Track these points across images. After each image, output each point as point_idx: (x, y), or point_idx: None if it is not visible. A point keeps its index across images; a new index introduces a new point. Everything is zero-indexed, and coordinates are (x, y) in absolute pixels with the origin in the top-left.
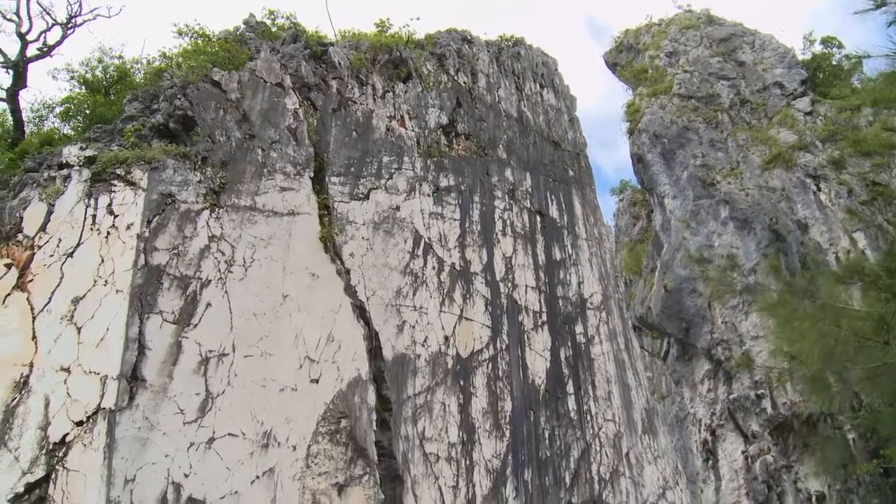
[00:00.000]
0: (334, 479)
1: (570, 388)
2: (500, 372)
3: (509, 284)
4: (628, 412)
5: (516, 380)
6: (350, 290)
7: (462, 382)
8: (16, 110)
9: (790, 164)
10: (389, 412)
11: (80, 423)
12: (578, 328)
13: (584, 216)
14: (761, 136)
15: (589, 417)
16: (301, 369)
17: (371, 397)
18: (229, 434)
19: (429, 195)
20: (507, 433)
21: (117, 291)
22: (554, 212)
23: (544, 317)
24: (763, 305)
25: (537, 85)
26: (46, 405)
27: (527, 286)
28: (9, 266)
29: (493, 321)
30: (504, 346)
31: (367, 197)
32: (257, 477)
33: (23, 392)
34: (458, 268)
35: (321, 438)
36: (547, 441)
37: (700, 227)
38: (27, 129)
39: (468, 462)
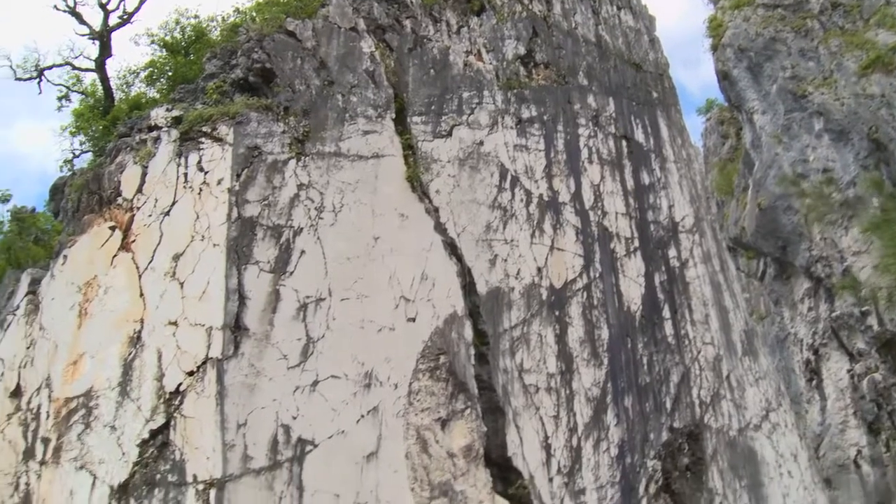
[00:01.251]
0: (437, 415)
1: (666, 313)
2: (594, 300)
3: (599, 212)
4: (727, 335)
5: (611, 307)
6: (440, 228)
7: (557, 313)
8: (104, 79)
9: (891, 68)
10: (487, 346)
11: (191, 373)
12: (672, 252)
13: (671, 138)
14: (857, 41)
15: (687, 342)
16: (397, 309)
17: (468, 332)
18: (332, 376)
19: (512, 128)
20: (605, 361)
21: (214, 245)
22: (640, 136)
23: (636, 243)
24: (867, 225)
25: (614, 7)
26: (159, 357)
27: (616, 213)
28: (112, 229)
29: (584, 250)
30: (597, 275)
31: (449, 134)
32: (362, 416)
33: (137, 346)
34: (546, 198)
35: (421, 375)
36: (645, 367)
37: (793, 142)
38: (116, 97)
39: (568, 392)
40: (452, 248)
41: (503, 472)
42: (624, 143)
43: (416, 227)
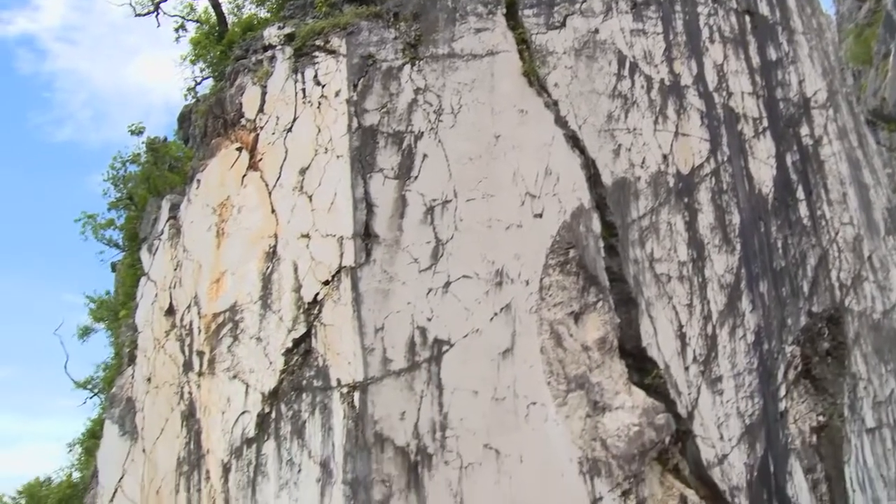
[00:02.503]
0: (569, 309)
1: (800, 194)
2: (723, 185)
3: (724, 93)
4: (867, 213)
5: (742, 191)
6: (560, 121)
7: (686, 200)
8: (216, 5)
9: None
10: (616, 237)
11: (326, 283)
12: (804, 130)
13: (799, 8)
14: None
15: (824, 223)
16: (523, 206)
17: (596, 225)
18: (463, 276)
19: (627, 12)
20: (738, 247)
21: (338, 157)
22: (764, 8)
23: (765, 122)
24: None
25: None
26: (295, 270)
27: (743, 92)
28: (239, 150)
29: (710, 134)
30: (725, 158)
31: (563, 24)
32: (495, 314)
33: (273, 261)
34: (667, 83)
35: (552, 270)
36: (780, 251)
37: None
38: (229, 21)
39: (700, 279)
40: (574, 141)
41: (638, 362)
42: (747, 17)
43: (536, 122)
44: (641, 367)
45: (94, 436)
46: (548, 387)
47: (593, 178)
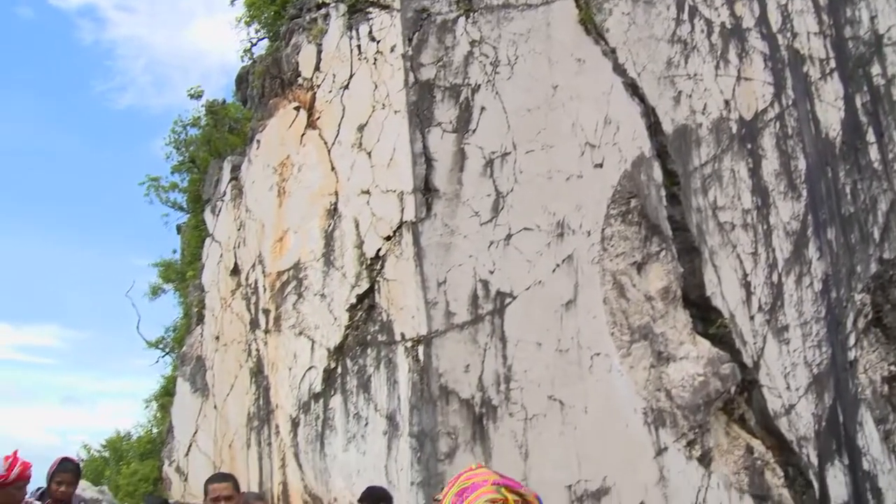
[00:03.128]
0: (632, 259)
1: (870, 137)
2: (788, 130)
3: (788, 34)
4: None
5: (808, 136)
6: (619, 69)
7: (749, 146)
8: None
9: None
10: (678, 186)
11: (388, 238)
12: (875, 70)
13: None
14: None
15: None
16: (583, 156)
17: (657, 173)
18: (524, 228)
19: None
20: (804, 193)
21: (395, 112)
22: None
23: (832, 63)
24: None
25: None
26: (357, 226)
27: (808, 33)
28: (297, 109)
29: (774, 77)
30: (790, 102)
31: None
32: (557, 265)
33: (335, 218)
34: (728, 26)
35: (613, 221)
36: (849, 196)
37: None
38: None
39: (765, 227)
40: (634, 89)
41: (702, 312)
42: None
43: (594, 70)
44: (705, 317)
45: (167, 393)
46: (611, 337)
47: (654, 126)
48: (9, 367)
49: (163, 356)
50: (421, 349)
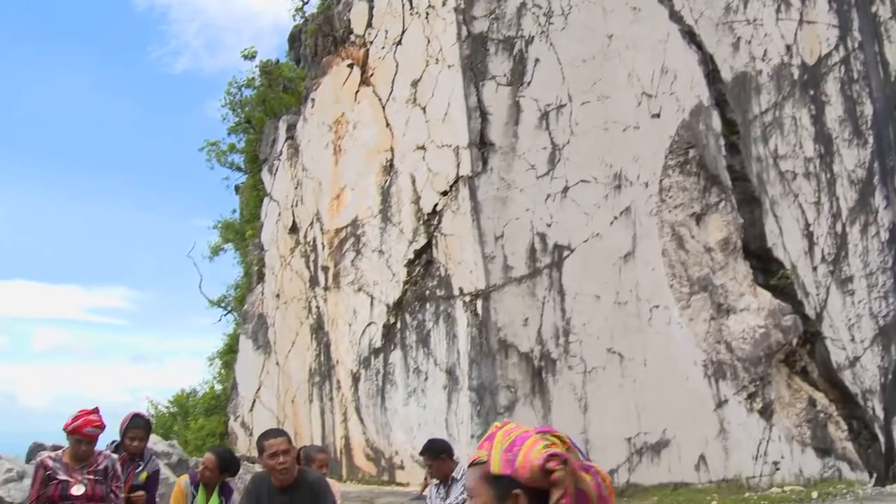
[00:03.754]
0: (690, 210)
1: None
2: (854, 74)
3: None
4: None
5: (875, 79)
6: (675, 16)
7: (812, 92)
8: None
9: None
10: (737, 135)
11: (444, 193)
12: None
13: None
14: None
15: None
16: (640, 106)
17: (716, 122)
18: (581, 181)
19: None
20: (870, 139)
21: (449, 66)
22: None
23: None
24: None
25: None
26: (413, 182)
27: None
28: (350, 66)
29: (840, 19)
30: (856, 45)
31: None
32: (615, 217)
33: (391, 174)
34: None
35: (671, 172)
36: None
37: None
38: None
39: (828, 175)
40: (691, 37)
41: (763, 263)
42: None
43: (649, 18)
44: (767, 268)
45: (230, 350)
46: (670, 289)
47: (712, 74)
48: (80, 327)
49: (225, 314)
50: (479, 303)
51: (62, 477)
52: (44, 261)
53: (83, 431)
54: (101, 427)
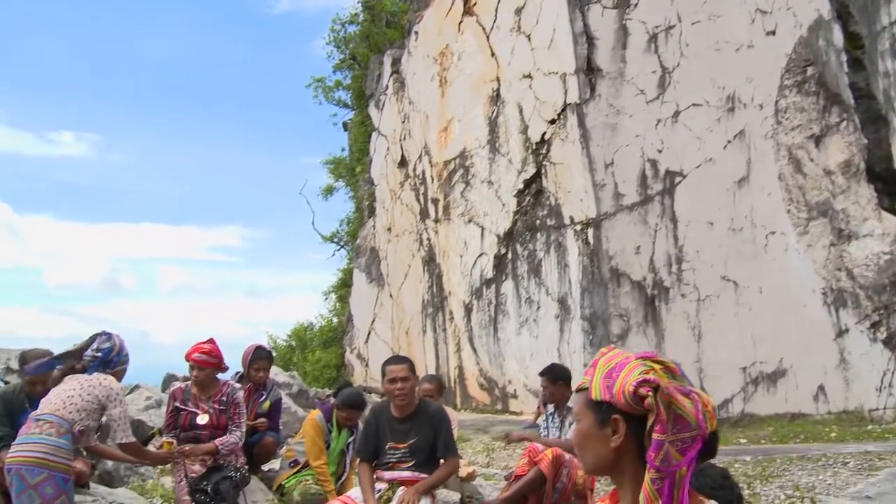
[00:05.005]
0: (809, 131)
1: None
2: None
3: None
4: None
5: None
6: None
7: None
8: None
9: None
10: (861, 49)
11: (552, 121)
12: None
13: None
14: None
15: None
16: (754, 24)
17: (837, 37)
18: (693, 104)
19: None
20: None
21: None
22: None
23: None
24: None
25: None
26: (520, 111)
27: None
28: None
29: None
30: None
31: None
32: (728, 141)
33: (498, 104)
34: None
35: (788, 91)
36: None
37: None
38: None
39: None
40: None
41: (889, 186)
42: None
43: None
44: (892, 192)
45: (345, 284)
46: (787, 215)
47: None
48: (199, 266)
49: (338, 249)
50: (590, 232)
51: (190, 407)
52: (165, 204)
53: (192, 358)
54: (212, 355)
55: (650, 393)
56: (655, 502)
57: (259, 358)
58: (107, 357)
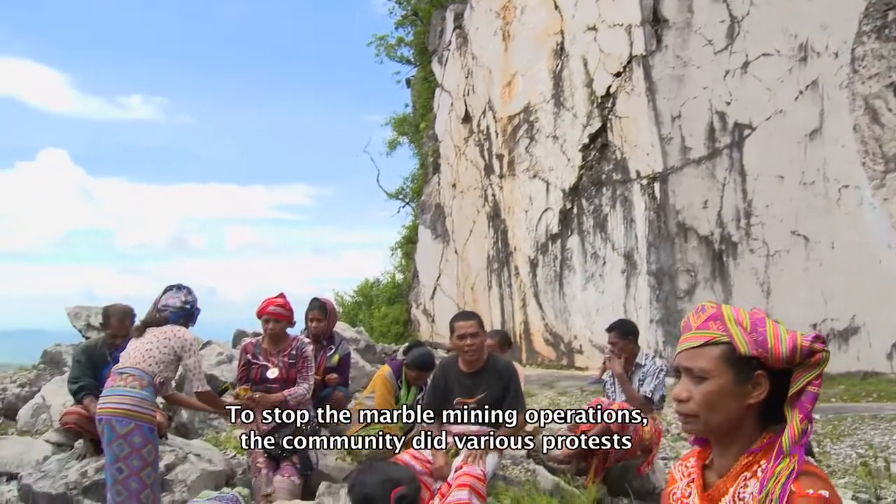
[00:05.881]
0: (888, 80)
1: None
2: None
3: None
4: None
5: None
6: None
7: None
8: None
9: None
10: None
11: (618, 74)
12: None
13: None
14: None
15: None
16: None
17: None
18: (763, 54)
19: None
20: None
21: None
22: None
23: None
24: None
25: None
26: (585, 64)
27: None
28: None
29: None
30: None
31: None
32: (800, 92)
33: (562, 57)
34: None
35: (866, 38)
36: None
37: None
38: None
39: None
40: None
41: None
42: None
43: None
44: None
45: (410, 241)
46: (862, 168)
47: None
48: (267, 224)
49: (403, 206)
50: (657, 186)
51: (261, 361)
52: (232, 164)
53: (267, 310)
54: (285, 307)
55: (826, 349)
56: (795, 447)
57: (312, 308)
58: (192, 309)
